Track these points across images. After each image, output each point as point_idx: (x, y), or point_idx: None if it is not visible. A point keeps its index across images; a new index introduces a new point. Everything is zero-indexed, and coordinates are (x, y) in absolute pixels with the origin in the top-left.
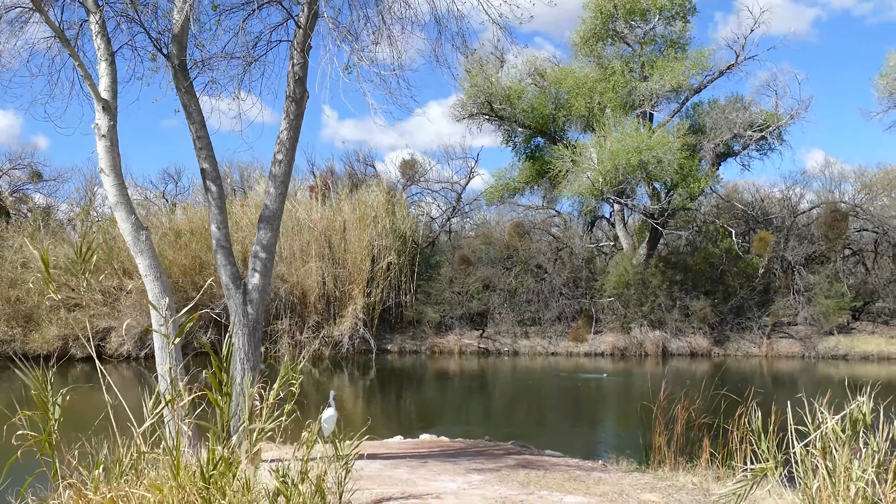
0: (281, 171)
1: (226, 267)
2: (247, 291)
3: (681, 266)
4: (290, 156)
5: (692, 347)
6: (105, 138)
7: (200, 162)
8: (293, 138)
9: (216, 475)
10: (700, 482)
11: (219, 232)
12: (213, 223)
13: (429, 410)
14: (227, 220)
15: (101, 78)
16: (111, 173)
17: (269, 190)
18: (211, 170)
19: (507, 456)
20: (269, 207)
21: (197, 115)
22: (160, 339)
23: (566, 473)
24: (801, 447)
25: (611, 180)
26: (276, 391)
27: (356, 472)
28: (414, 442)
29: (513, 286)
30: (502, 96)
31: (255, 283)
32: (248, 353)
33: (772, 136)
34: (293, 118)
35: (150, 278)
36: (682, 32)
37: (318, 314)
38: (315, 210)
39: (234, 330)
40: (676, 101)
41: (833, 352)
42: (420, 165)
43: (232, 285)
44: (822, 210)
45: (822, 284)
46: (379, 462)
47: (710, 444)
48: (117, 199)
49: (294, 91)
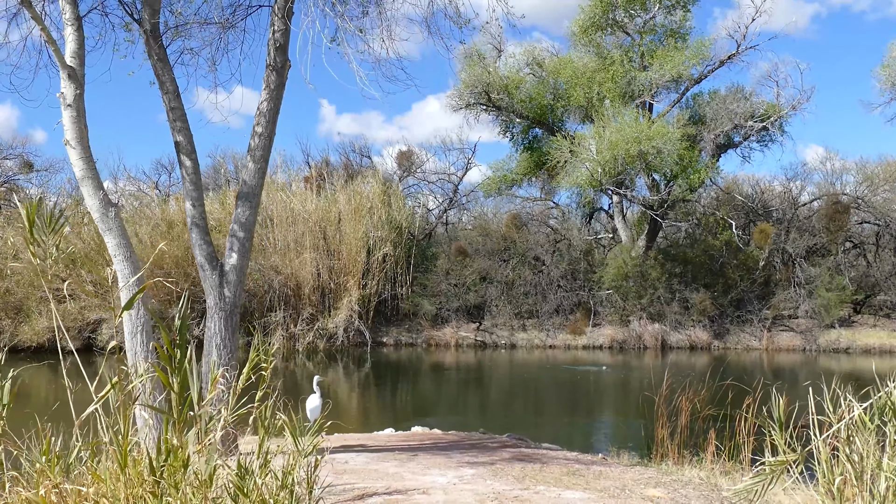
0: (260, 145)
1: (201, 246)
2: (224, 272)
3: (680, 258)
4: (270, 129)
5: (692, 340)
6: (71, 108)
7: (174, 135)
8: (274, 110)
9: (170, 467)
10: (707, 476)
11: (194, 209)
12: (188, 200)
13: (423, 403)
14: (202, 196)
15: (67, 44)
16: (77, 145)
17: (247, 165)
18: (185, 143)
19: (503, 449)
20: (247, 183)
21: (170, 85)
22: (130, 322)
23: (564, 467)
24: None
25: (610, 171)
26: (246, 374)
27: (341, 466)
28: (405, 434)
29: (510, 278)
30: (500, 86)
31: (233, 264)
32: (224, 339)
33: (773, 127)
34: (274, 88)
35: (119, 258)
36: (683, 22)
37: (313, 306)
38: (310, 201)
39: (210, 313)
40: (676, 91)
41: (834, 345)
42: (417, 157)
43: (208, 266)
44: (824, 202)
45: (823, 277)
46: (366, 455)
47: (716, 437)
48: (84, 173)
49: (275, 59)
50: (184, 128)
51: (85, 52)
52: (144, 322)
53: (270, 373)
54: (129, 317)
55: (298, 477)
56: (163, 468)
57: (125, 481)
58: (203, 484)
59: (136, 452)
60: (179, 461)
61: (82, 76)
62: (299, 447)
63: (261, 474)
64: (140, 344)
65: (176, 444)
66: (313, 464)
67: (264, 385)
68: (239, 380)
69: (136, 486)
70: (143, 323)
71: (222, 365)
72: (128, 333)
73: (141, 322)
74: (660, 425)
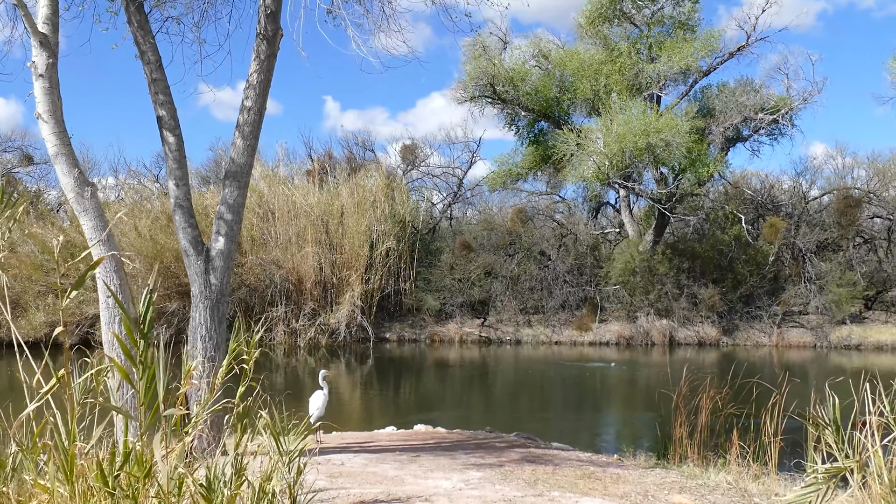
0: (250, 120)
1: (185, 229)
2: (210, 258)
3: (688, 253)
4: (260, 102)
5: (700, 337)
6: (43, 78)
7: (157, 109)
8: (264, 82)
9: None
10: (736, 481)
11: (177, 189)
12: (171, 179)
13: (427, 400)
14: (187, 175)
15: (40, 9)
16: (50, 119)
17: (235, 141)
18: (168, 118)
19: (511, 449)
20: (235, 161)
21: (152, 55)
22: (108, 311)
23: (578, 470)
24: (887, 442)
25: (617, 164)
26: (226, 368)
27: (336, 468)
28: (407, 433)
29: (515, 273)
30: (505, 78)
31: (220, 248)
32: (210, 330)
33: (784, 120)
34: (264, 59)
35: (95, 242)
36: (691, 13)
37: (315, 301)
38: (312, 194)
39: (195, 302)
40: (685, 83)
41: (846, 341)
42: (420, 150)
43: (192, 250)
44: (834, 196)
45: (833, 272)
46: (364, 456)
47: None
48: (57, 149)
49: (265, 28)
50: (166, 101)
51: (59, 19)
52: None
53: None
54: (107, 305)
55: (282, 484)
56: (117, 476)
57: (74, 492)
58: (167, 496)
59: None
60: (143, 469)
61: (56, 44)
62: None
63: (235, 483)
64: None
65: (139, 449)
66: (296, 470)
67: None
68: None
69: (87, 499)
70: None
71: (208, 359)
72: (105, 323)
73: (119, 310)
74: (678, 424)
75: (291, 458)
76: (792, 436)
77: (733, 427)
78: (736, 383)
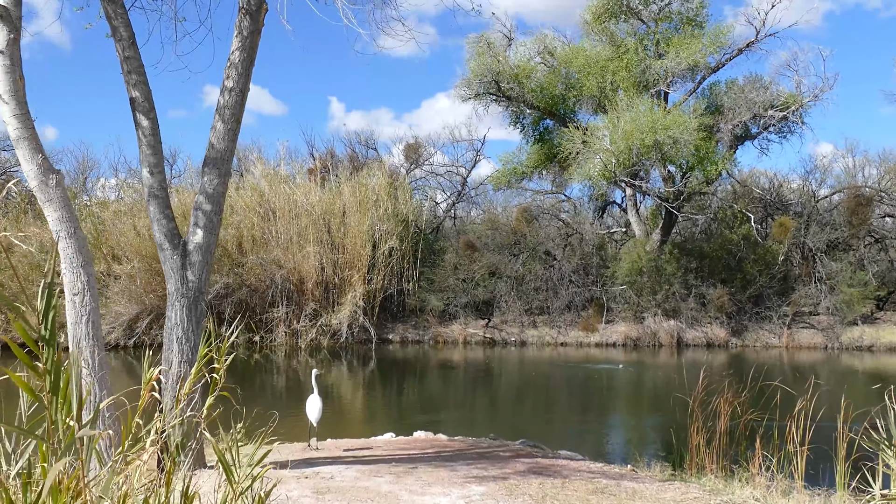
0: (231, 102)
1: (160, 221)
2: (187, 252)
3: (696, 253)
4: (242, 83)
5: (708, 338)
6: (3, 55)
7: (130, 90)
8: (247, 61)
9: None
10: (764, 497)
11: (151, 178)
12: (145, 167)
13: (429, 403)
14: (162, 162)
15: None
16: (11, 100)
17: (215, 125)
18: (142, 100)
19: (516, 459)
20: (215, 147)
21: (124, 31)
22: (74, 309)
23: (590, 483)
24: None
25: (624, 162)
26: (195, 375)
27: (324, 483)
28: (405, 440)
29: (520, 273)
30: (510, 75)
31: (198, 242)
32: (186, 331)
33: (794, 116)
34: (247, 35)
35: (61, 234)
36: (699, 9)
37: (316, 301)
38: (314, 193)
39: (171, 301)
40: (692, 80)
41: (857, 343)
42: (424, 149)
43: (168, 244)
44: (845, 195)
45: (844, 272)
46: (357, 468)
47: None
48: (19, 132)
49: (248, 1)
50: (140, 81)
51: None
52: (91, 309)
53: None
54: (74, 303)
55: None
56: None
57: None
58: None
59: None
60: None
61: (18, 19)
62: (233, 482)
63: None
64: (86, 336)
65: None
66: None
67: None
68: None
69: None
70: (91, 311)
71: (185, 362)
72: (71, 323)
73: (87, 309)
74: (694, 430)
75: (244, 492)
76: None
77: (754, 434)
78: (756, 387)
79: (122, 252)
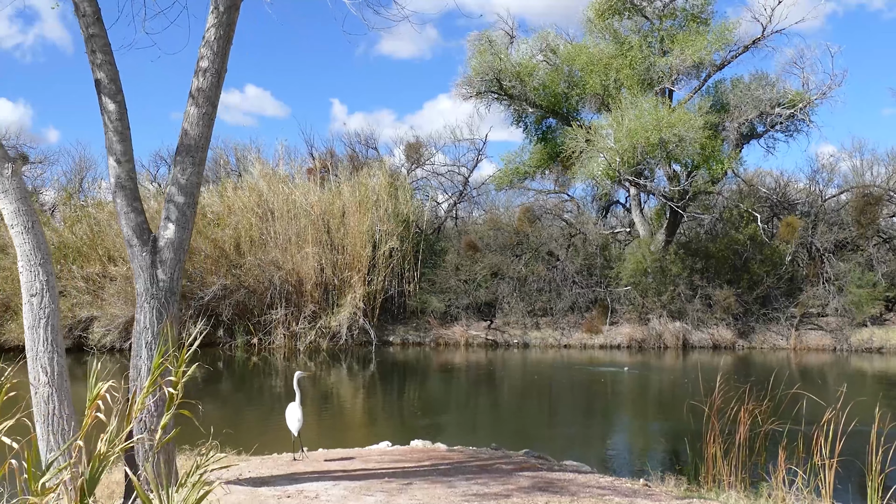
0: (206, 84)
1: (128, 215)
2: (157, 249)
3: (702, 253)
4: (219, 63)
5: (715, 340)
6: None
7: (95, 71)
8: (224, 39)
9: None
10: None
11: (118, 167)
12: (111, 155)
13: (430, 407)
14: (131, 150)
15: None
16: None
17: (189, 110)
18: (108, 81)
19: (519, 473)
20: (188, 133)
21: (88, 6)
22: (31, 312)
23: (600, 501)
24: None
25: (628, 160)
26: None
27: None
28: (402, 450)
29: (523, 274)
30: (512, 73)
31: (169, 238)
32: (157, 336)
33: (801, 114)
34: (223, 10)
35: (17, 230)
36: (704, 6)
37: (315, 303)
38: (313, 193)
39: (139, 302)
40: (697, 78)
41: (867, 344)
42: (425, 148)
43: (136, 240)
44: (853, 194)
45: (853, 273)
46: (346, 484)
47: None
48: None
49: None
50: (106, 61)
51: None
52: (51, 312)
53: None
54: (31, 305)
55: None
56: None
57: None
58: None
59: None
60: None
61: None
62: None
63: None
64: (44, 341)
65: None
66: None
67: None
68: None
69: None
70: (49, 313)
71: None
72: (28, 327)
73: (46, 311)
74: (710, 440)
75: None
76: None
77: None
78: (777, 393)
79: (118, 253)
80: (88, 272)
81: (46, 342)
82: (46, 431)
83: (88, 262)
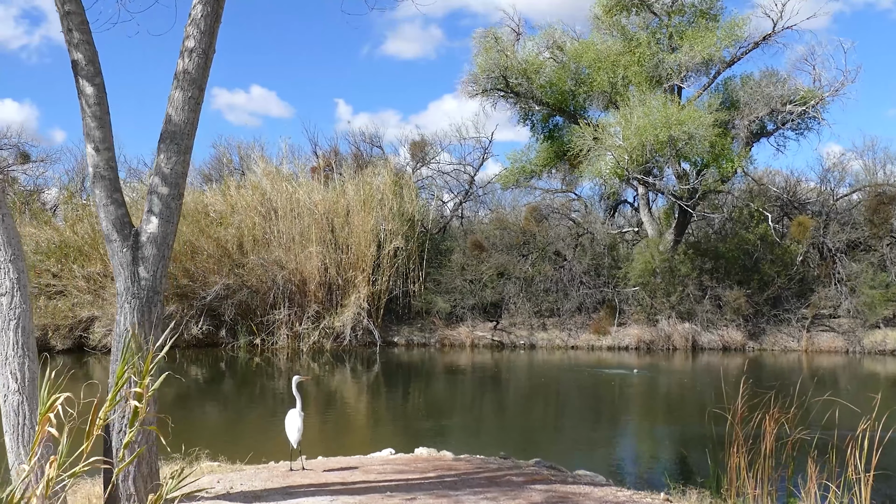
0: (192, 66)
1: (107, 207)
2: (139, 244)
3: (711, 253)
4: (206, 42)
5: (725, 341)
6: None
7: (71, 51)
8: (212, 16)
9: None
10: None
11: (97, 155)
12: (90, 143)
13: (435, 410)
14: (110, 137)
15: None
16: None
17: (173, 94)
18: (86, 62)
19: (530, 485)
20: (173, 119)
21: None
22: (0, 314)
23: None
24: None
25: (636, 159)
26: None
27: None
28: (405, 459)
29: (529, 274)
30: (518, 71)
31: (152, 232)
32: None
33: (813, 111)
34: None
35: None
36: (713, 1)
37: (319, 303)
38: (317, 192)
39: (120, 302)
40: (707, 75)
41: (880, 346)
42: (430, 147)
43: (116, 234)
44: (865, 193)
45: (865, 273)
46: (343, 501)
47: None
48: None
49: None
50: (84, 41)
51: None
52: (21, 312)
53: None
54: (0, 305)
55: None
56: None
57: None
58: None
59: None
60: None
61: None
62: None
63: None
64: (13, 344)
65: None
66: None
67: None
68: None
69: None
70: (20, 314)
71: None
72: None
73: (16, 312)
74: (734, 449)
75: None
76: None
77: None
78: (804, 401)
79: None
80: (90, 271)
81: (17, 345)
82: (16, 444)
83: (90, 261)
